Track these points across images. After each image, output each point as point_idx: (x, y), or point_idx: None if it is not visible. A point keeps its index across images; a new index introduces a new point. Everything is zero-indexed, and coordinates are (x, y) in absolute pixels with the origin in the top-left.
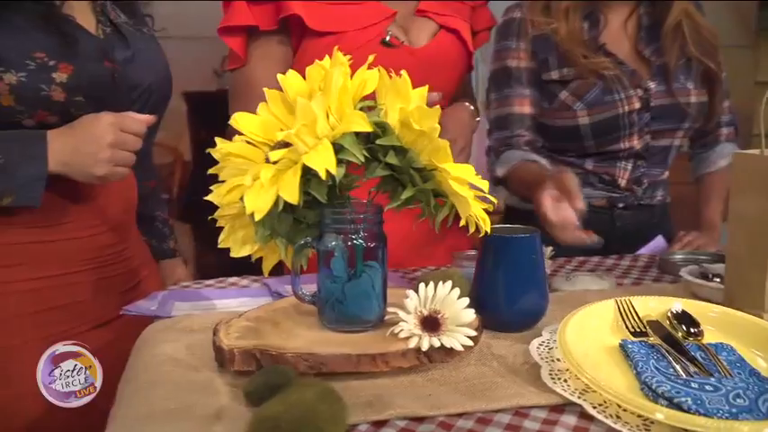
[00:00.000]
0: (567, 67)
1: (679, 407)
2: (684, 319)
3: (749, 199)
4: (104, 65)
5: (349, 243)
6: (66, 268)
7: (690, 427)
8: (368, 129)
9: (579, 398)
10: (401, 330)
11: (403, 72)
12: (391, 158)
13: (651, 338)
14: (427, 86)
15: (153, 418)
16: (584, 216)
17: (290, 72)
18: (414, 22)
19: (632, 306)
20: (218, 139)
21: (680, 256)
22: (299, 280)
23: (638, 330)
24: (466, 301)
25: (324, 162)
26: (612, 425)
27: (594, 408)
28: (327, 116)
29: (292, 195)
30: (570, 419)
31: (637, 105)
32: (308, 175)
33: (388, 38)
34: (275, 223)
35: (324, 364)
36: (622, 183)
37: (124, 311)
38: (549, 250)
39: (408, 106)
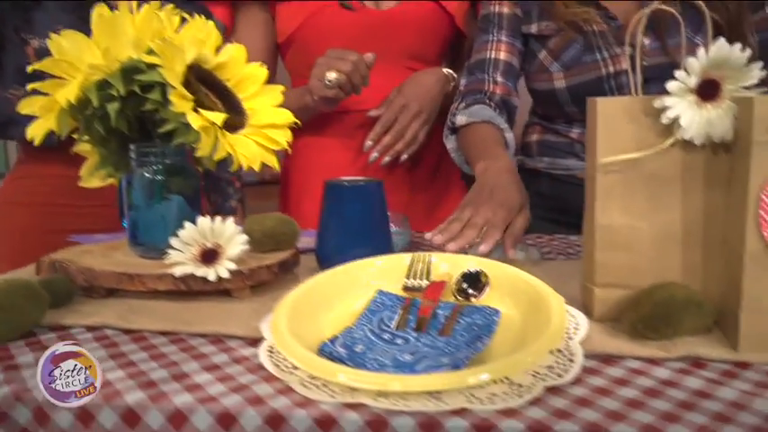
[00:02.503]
0: (547, 21)
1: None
2: (470, 279)
3: None
4: None
5: (147, 175)
6: (84, 201)
7: (314, 371)
8: (101, 62)
9: (268, 336)
10: (169, 257)
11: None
12: (154, 94)
13: (407, 293)
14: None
15: None
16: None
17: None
18: None
19: (427, 262)
20: None
21: None
22: (126, 208)
23: (414, 286)
24: (243, 237)
25: (64, 94)
26: (264, 361)
27: (271, 345)
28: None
29: (55, 125)
30: (248, 352)
31: (625, 66)
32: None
33: (347, 1)
34: (116, 159)
35: (95, 279)
36: None
37: (69, 239)
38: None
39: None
